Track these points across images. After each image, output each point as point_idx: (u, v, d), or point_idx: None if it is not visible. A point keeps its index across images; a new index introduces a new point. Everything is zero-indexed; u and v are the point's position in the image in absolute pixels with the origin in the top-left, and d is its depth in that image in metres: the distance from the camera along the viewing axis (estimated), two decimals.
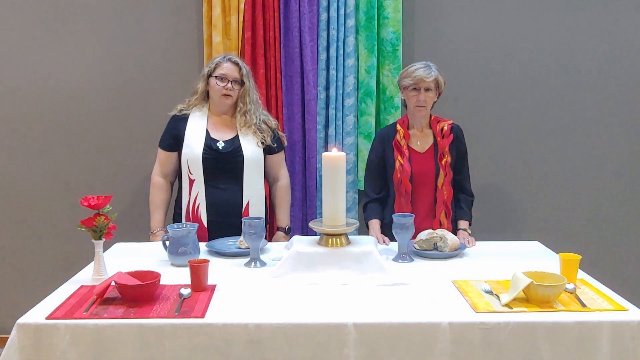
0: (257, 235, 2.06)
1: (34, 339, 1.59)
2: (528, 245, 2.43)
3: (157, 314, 1.64)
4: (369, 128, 3.12)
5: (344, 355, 1.58)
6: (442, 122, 2.58)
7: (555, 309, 1.67)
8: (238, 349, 1.58)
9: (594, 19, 3.13)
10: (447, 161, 2.52)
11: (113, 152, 3.20)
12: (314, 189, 3.12)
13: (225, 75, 2.57)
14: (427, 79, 2.46)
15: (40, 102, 3.16)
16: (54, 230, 3.25)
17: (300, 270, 1.94)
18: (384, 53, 3.08)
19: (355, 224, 2.05)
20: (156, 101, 3.11)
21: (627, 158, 3.24)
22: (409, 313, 1.66)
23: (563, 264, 1.90)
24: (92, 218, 1.89)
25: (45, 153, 3.20)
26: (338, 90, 3.05)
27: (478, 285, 1.86)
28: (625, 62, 3.17)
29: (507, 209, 3.28)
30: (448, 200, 2.53)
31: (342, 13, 3.00)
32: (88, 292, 1.81)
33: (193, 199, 2.55)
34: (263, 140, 2.62)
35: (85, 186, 3.18)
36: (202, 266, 1.82)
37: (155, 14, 3.11)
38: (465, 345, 1.59)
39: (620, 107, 3.21)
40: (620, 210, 3.28)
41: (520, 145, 3.23)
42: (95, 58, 3.13)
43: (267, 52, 3.05)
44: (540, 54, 3.16)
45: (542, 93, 3.19)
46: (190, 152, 2.55)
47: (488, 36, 3.15)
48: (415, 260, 2.17)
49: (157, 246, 2.30)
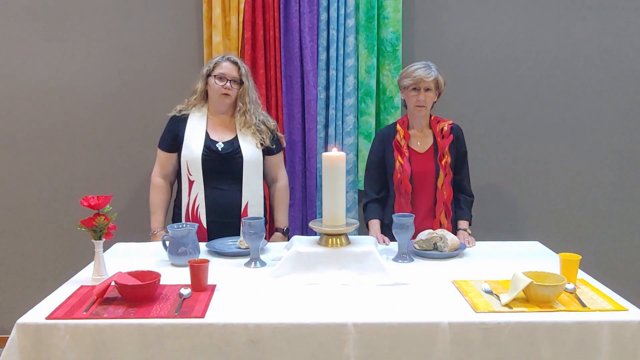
0: (257, 235, 2.06)
1: (34, 339, 1.58)
2: (528, 245, 2.42)
3: (157, 314, 1.64)
4: (369, 128, 3.12)
5: (344, 355, 1.58)
6: (442, 122, 2.58)
7: (555, 309, 1.67)
8: (238, 349, 1.58)
9: (594, 19, 3.13)
10: (447, 161, 2.52)
11: (113, 152, 3.20)
12: (314, 189, 3.11)
13: (224, 74, 2.56)
14: (427, 79, 2.46)
15: (40, 102, 3.16)
16: (54, 230, 3.25)
17: (300, 270, 1.94)
18: (384, 53, 3.08)
19: (355, 224, 2.05)
20: (156, 101, 3.10)
21: (627, 158, 3.24)
22: (409, 313, 1.66)
23: (563, 264, 1.90)
24: (92, 218, 1.89)
25: (46, 153, 3.20)
26: (338, 90, 3.04)
27: (478, 285, 1.86)
28: (626, 62, 3.16)
29: (507, 209, 3.28)
30: (448, 200, 2.53)
31: (342, 13, 3.00)
32: (88, 292, 1.81)
33: (192, 200, 2.55)
34: (262, 142, 2.61)
35: (86, 186, 3.18)
36: (202, 266, 1.82)
37: (155, 14, 3.11)
38: (465, 345, 1.59)
39: (621, 108, 3.21)
40: (620, 210, 3.28)
41: (520, 145, 3.23)
42: (96, 58, 3.13)
43: (267, 52, 3.05)
44: (541, 54, 3.16)
45: (542, 93, 3.19)
46: (190, 154, 2.54)
47: (488, 36, 3.15)
48: (415, 260, 2.17)
49: (157, 246, 2.30)
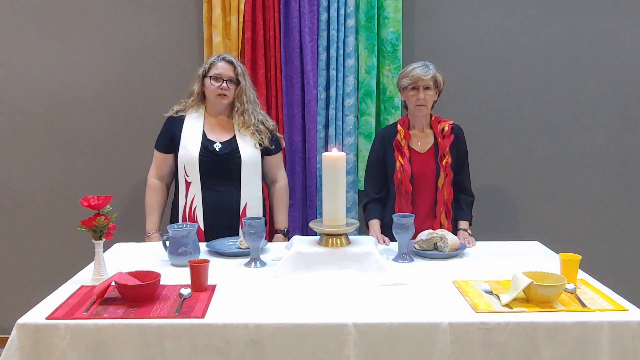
0: (257, 235, 2.06)
1: (34, 339, 1.58)
2: (528, 245, 2.42)
3: (157, 314, 1.64)
4: (369, 128, 3.12)
5: (344, 355, 1.58)
6: (443, 122, 2.58)
7: (556, 309, 1.67)
8: (238, 349, 1.58)
9: (594, 19, 3.13)
10: (447, 162, 2.51)
11: (114, 152, 3.20)
12: (314, 189, 3.11)
13: (219, 74, 2.53)
14: (425, 77, 2.46)
15: (40, 102, 3.16)
16: (54, 230, 3.25)
17: (300, 271, 1.94)
18: (384, 53, 3.08)
19: (355, 224, 2.05)
20: (157, 101, 3.10)
21: (627, 158, 3.24)
22: (409, 313, 1.66)
23: (563, 264, 1.90)
24: (92, 218, 1.89)
25: (45, 153, 3.20)
26: (338, 90, 3.04)
27: (478, 285, 1.86)
28: (626, 62, 3.16)
29: (507, 209, 3.28)
30: (448, 201, 2.53)
31: (342, 13, 3.00)
32: (88, 292, 1.81)
33: (190, 201, 2.52)
34: (261, 142, 2.58)
35: (86, 186, 3.18)
36: (202, 266, 1.82)
37: (155, 14, 3.11)
38: (465, 345, 1.59)
39: (621, 108, 3.21)
40: (620, 210, 3.28)
41: (520, 145, 3.23)
42: (95, 58, 3.13)
43: (267, 52, 3.05)
44: (541, 54, 3.16)
45: (542, 93, 3.19)
46: (187, 154, 2.52)
47: (488, 36, 3.15)
48: (415, 260, 2.17)
49: (157, 246, 2.30)
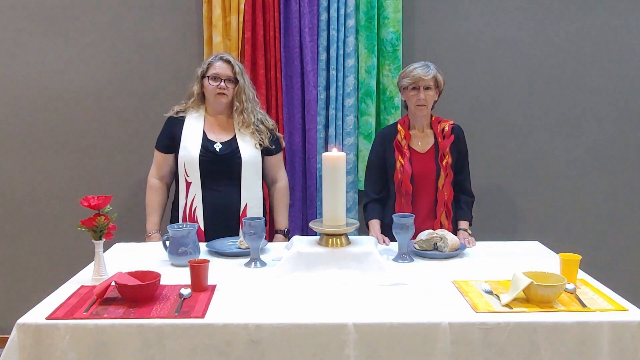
0: (257, 235, 2.06)
1: (34, 339, 1.58)
2: (528, 245, 2.42)
3: (157, 314, 1.64)
4: (369, 128, 3.12)
5: (344, 355, 1.58)
6: (443, 122, 2.58)
7: (556, 309, 1.67)
8: (238, 349, 1.58)
9: (595, 19, 3.13)
10: (447, 162, 2.51)
11: (114, 152, 3.20)
12: (314, 189, 3.11)
13: (217, 74, 2.53)
14: (425, 77, 2.46)
15: (40, 102, 3.16)
16: (54, 230, 3.25)
17: (300, 270, 1.94)
18: (384, 53, 3.08)
19: (355, 224, 2.05)
20: (157, 101, 3.11)
21: (627, 158, 3.24)
22: (409, 313, 1.66)
23: (563, 264, 1.90)
24: (92, 218, 1.89)
25: (46, 153, 3.20)
26: (338, 90, 3.04)
27: (478, 285, 1.86)
28: (626, 62, 3.16)
29: (507, 209, 3.28)
30: (449, 201, 2.53)
31: (342, 13, 3.00)
32: (88, 292, 1.81)
33: (190, 201, 2.52)
34: (261, 142, 2.59)
35: (86, 186, 3.18)
36: (202, 266, 1.82)
37: (155, 14, 3.11)
38: (465, 345, 1.59)
39: (621, 108, 3.21)
40: (620, 210, 3.28)
41: (520, 145, 3.23)
42: (96, 59, 3.13)
43: (267, 52, 3.05)
44: (541, 54, 3.16)
45: (542, 93, 3.19)
46: (187, 154, 2.52)
47: (488, 36, 3.15)
48: (415, 260, 2.17)
49: (157, 246, 2.30)
